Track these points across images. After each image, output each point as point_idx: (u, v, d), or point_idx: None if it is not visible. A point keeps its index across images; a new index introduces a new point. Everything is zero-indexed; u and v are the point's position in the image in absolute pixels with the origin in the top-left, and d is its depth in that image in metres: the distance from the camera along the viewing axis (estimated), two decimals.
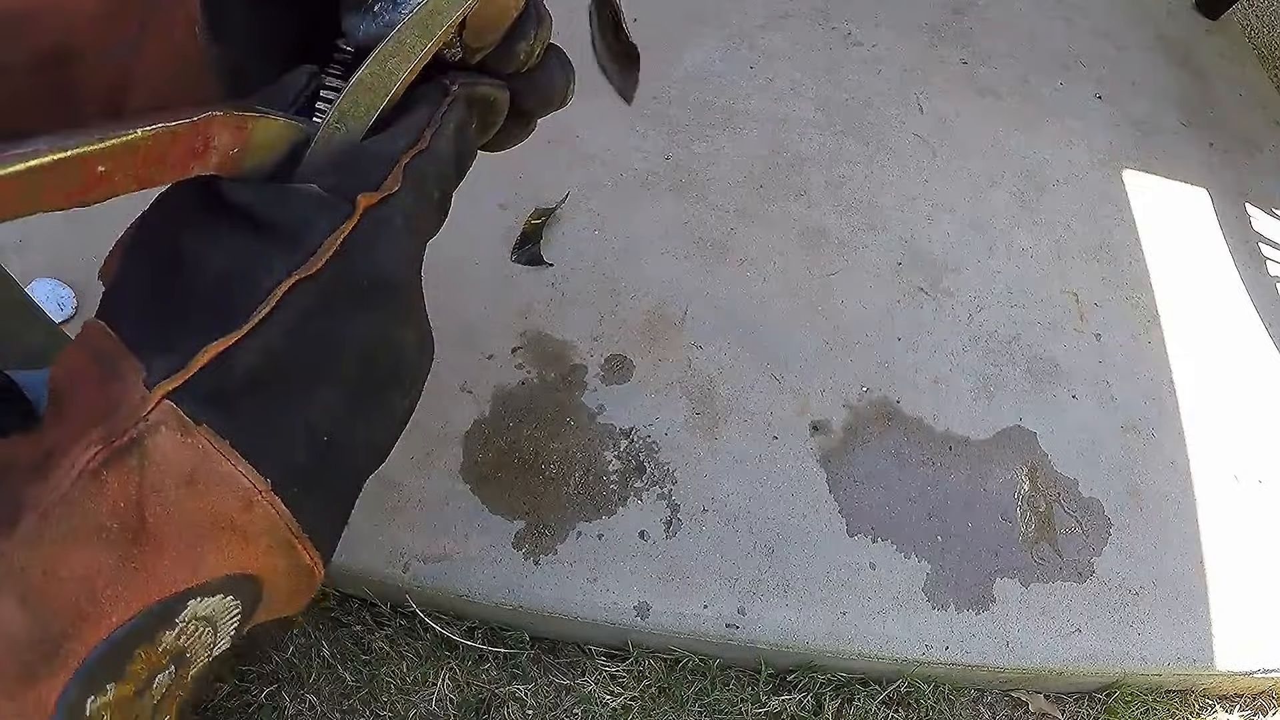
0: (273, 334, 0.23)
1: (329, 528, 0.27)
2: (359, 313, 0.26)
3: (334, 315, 0.25)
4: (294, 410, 0.24)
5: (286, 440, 0.24)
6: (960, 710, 1.12)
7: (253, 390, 0.23)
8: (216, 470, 0.22)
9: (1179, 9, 2.07)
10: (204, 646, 0.24)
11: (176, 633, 0.22)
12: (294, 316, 0.24)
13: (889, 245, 1.45)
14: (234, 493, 0.22)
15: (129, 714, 0.22)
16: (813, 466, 1.19)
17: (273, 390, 0.24)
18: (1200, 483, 1.25)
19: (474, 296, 1.29)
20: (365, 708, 1.04)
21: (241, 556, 0.23)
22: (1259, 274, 1.54)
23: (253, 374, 0.23)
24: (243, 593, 0.24)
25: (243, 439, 0.23)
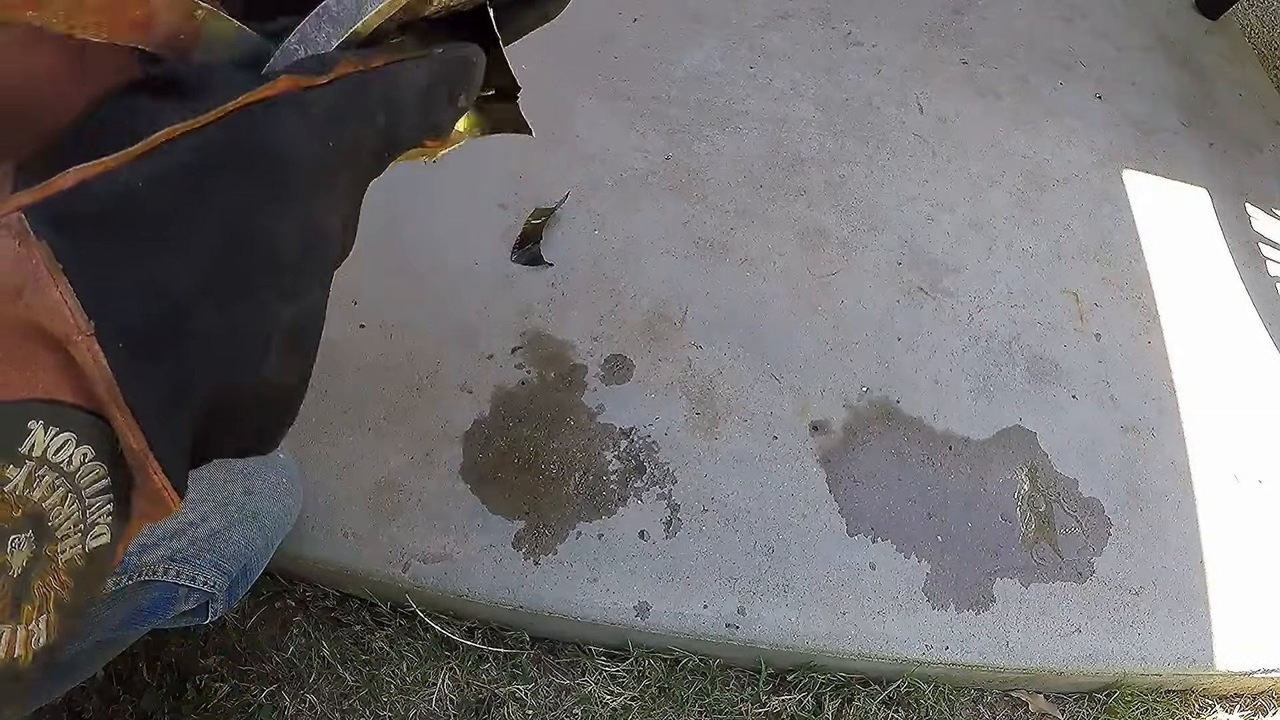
0: (140, 174, 0.22)
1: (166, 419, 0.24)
2: (239, 181, 0.25)
3: (213, 177, 0.24)
4: (140, 262, 0.23)
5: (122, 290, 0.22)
6: (960, 710, 1.12)
7: (104, 227, 0.22)
8: (45, 294, 0.20)
9: (1179, 9, 2.07)
10: (70, 520, 0.22)
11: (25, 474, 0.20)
12: (167, 164, 0.23)
13: (889, 245, 1.45)
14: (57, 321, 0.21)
15: None
16: (813, 466, 1.19)
17: (124, 234, 0.22)
18: (1200, 483, 1.25)
19: (474, 296, 1.29)
20: (365, 708, 1.04)
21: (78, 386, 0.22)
22: (1259, 274, 1.54)
23: (109, 210, 0.22)
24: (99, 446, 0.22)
25: (78, 271, 0.21)
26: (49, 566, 0.21)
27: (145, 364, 0.23)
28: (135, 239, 0.23)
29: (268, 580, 1.10)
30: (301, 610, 1.10)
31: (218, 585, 0.74)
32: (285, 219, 0.26)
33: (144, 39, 0.25)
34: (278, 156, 0.25)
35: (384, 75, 0.28)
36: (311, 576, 1.10)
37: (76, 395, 0.22)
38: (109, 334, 0.22)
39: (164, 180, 0.23)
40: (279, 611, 1.10)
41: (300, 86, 0.26)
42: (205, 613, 0.76)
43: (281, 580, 1.10)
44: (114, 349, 0.22)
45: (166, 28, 0.25)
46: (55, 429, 0.21)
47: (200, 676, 1.04)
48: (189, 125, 0.23)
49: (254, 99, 0.24)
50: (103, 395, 0.22)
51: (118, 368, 0.22)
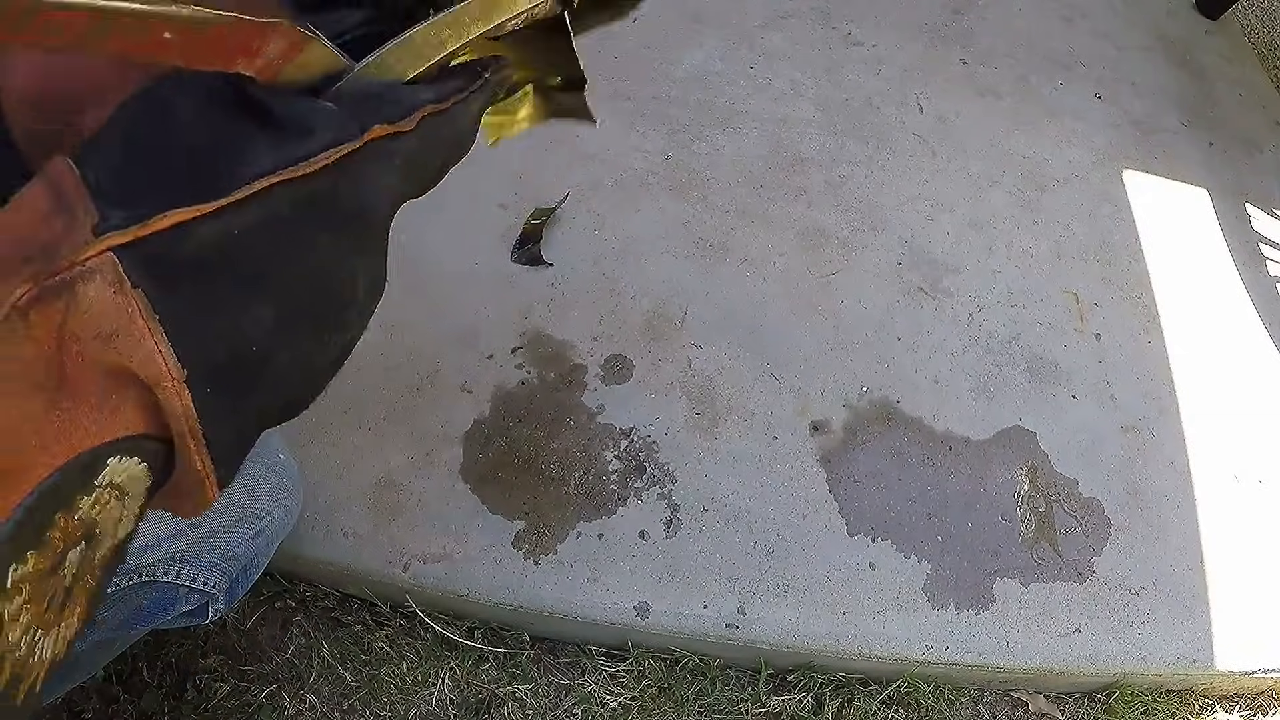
0: (236, 221, 0.22)
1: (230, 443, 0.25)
2: (329, 233, 0.25)
3: (303, 226, 0.24)
4: (230, 308, 0.23)
5: (212, 337, 0.23)
6: (960, 710, 1.12)
7: (197, 272, 0.22)
8: (140, 343, 0.21)
9: (1179, 9, 2.07)
10: (111, 524, 0.23)
11: (93, 499, 0.21)
12: (263, 212, 0.23)
13: (889, 245, 1.45)
14: (149, 368, 0.21)
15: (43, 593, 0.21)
16: (813, 466, 1.19)
17: (216, 280, 0.22)
18: (1200, 483, 1.25)
19: (474, 296, 1.29)
20: (365, 708, 1.04)
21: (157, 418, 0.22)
22: (1259, 274, 1.54)
23: (203, 255, 0.22)
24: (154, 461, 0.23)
25: (171, 319, 0.21)
26: (90, 568, 0.22)
27: (225, 401, 0.24)
28: (227, 286, 0.23)
29: (268, 580, 1.10)
30: (301, 610, 1.10)
31: (218, 585, 0.74)
32: (360, 265, 0.27)
33: (248, 66, 0.25)
34: (366, 212, 0.26)
35: (451, 117, 0.29)
36: (311, 576, 1.10)
37: (154, 428, 0.22)
38: (198, 379, 0.22)
39: (259, 229, 0.23)
40: (279, 611, 1.10)
41: (387, 134, 0.26)
42: (205, 613, 0.76)
43: (281, 580, 1.10)
44: (199, 392, 0.22)
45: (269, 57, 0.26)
46: (127, 458, 0.22)
47: (200, 676, 1.04)
48: (289, 175, 0.23)
49: (349, 150, 0.25)
50: (182, 430, 0.23)
51: (202, 408, 0.23)
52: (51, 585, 0.21)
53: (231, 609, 1.01)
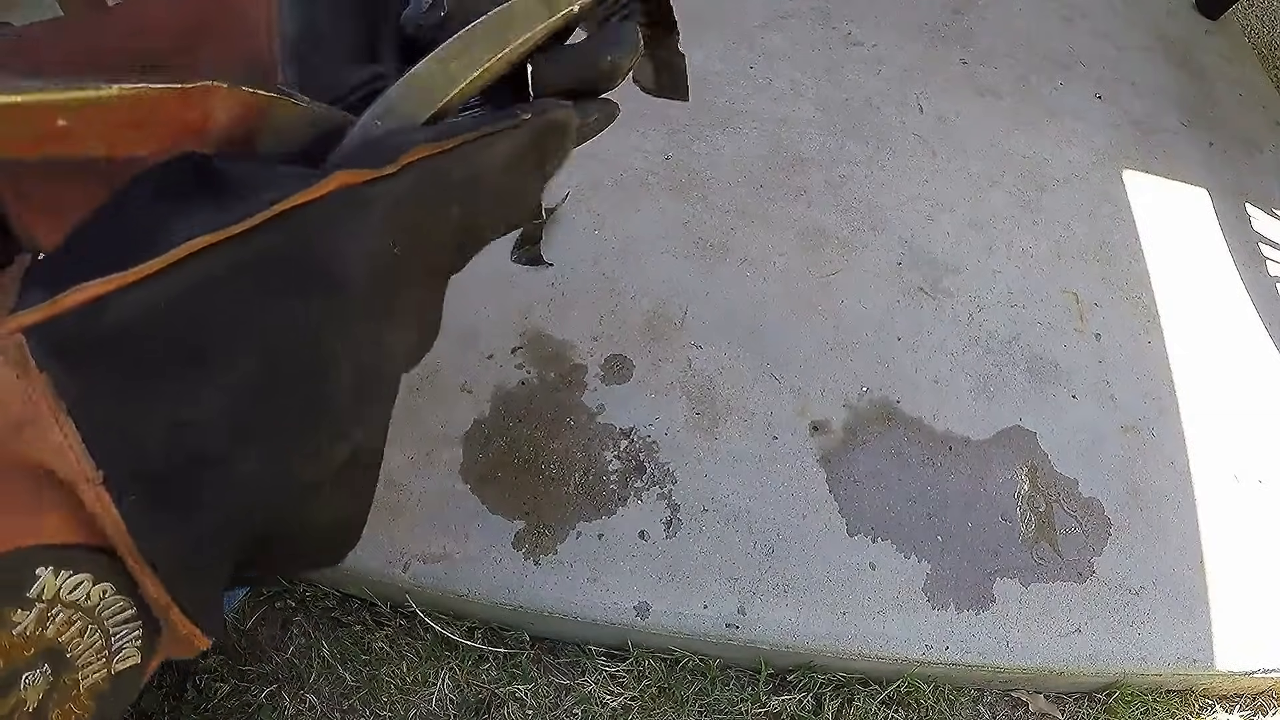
0: (163, 291, 0.19)
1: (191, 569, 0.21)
2: (287, 301, 0.21)
3: (252, 294, 0.20)
4: (164, 396, 0.19)
5: (141, 430, 0.19)
6: (960, 710, 1.12)
7: (120, 354, 0.19)
8: (47, 435, 0.18)
9: (1179, 9, 2.07)
10: (92, 650, 0.20)
11: (36, 616, 0.18)
12: (196, 278, 0.19)
13: (889, 245, 1.45)
14: (62, 466, 0.18)
15: None
16: (813, 466, 1.19)
17: (145, 363, 0.19)
18: (1200, 483, 1.24)
19: (474, 296, 1.29)
20: (365, 708, 1.04)
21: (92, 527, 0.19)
22: (1259, 274, 1.54)
23: (126, 334, 0.19)
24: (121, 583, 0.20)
25: (87, 409, 0.18)
26: (69, 694, 0.20)
27: (166, 514, 0.20)
28: (156, 369, 0.19)
29: None
30: (301, 610, 1.10)
31: None
32: (338, 345, 0.22)
33: (202, 142, 0.22)
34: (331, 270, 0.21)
35: (460, 157, 0.24)
36: (311, 576, 1.10)
37: (88, 536, 0.19)
38: (121, 483, 0.19)
39: (194, 298, 0.19)
40: (279, 611, 1.10)
41: (358, 181, 0.22)
42: None
43: (281, 580, 1.10)
44: (128, 501, 0.19)
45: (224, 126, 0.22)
46: (68, 572, 0.19)
47: (200, 676, 1.04)
48: (225, 233, 0.19)
49: (301, 200, 0.20)
50: (118, 546, 0.19)
51: (132, 520, 0.19)
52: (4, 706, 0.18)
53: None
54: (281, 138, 0.24)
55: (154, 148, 0.21)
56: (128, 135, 0.21)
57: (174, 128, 0.21)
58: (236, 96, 0.22)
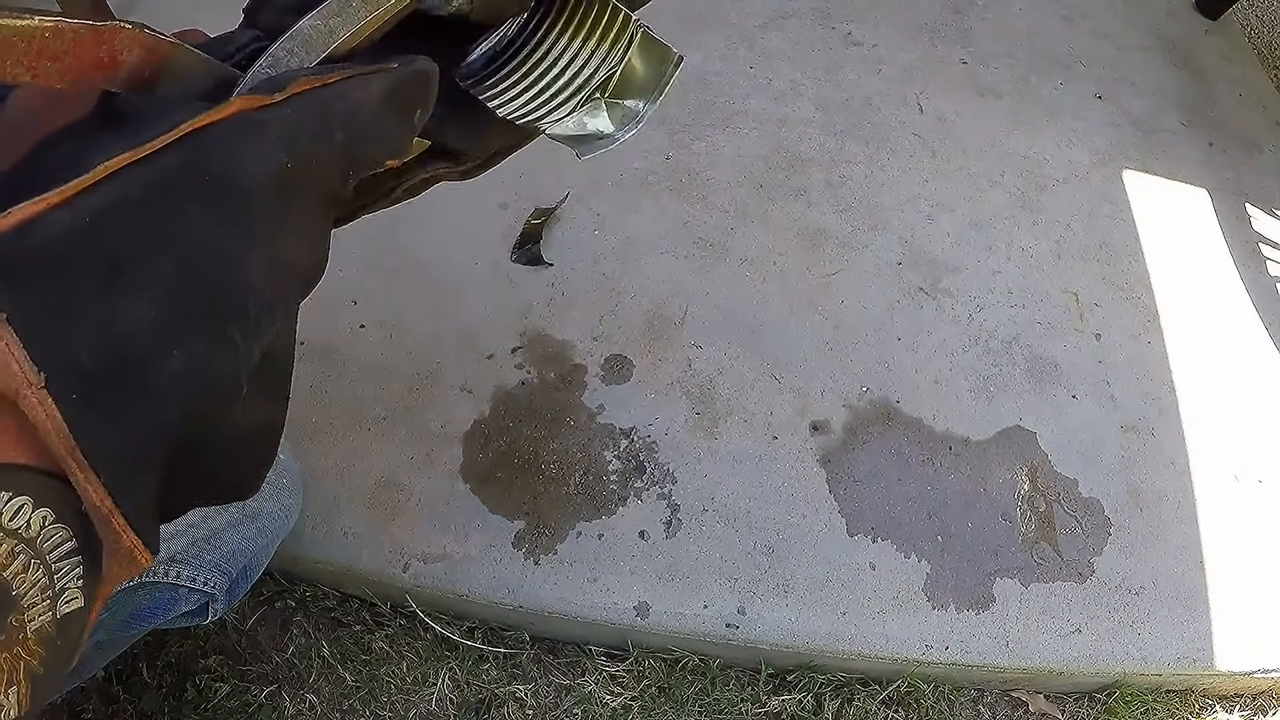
0: (86, 209, 0.21)
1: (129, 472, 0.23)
2: (197, 212, 0.23)
3: (166, 208, 0.22)
4: (93, 304, 0.21)
5: (75, 336, 0.21)
6: (960, 710, 1.12)
7: (50, 269, 0.20)
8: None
9: (1179, 9, 2.07)
10: (37, 588, 0.20)
11: None
12: (115, 196, 0.21)
13: (889, 245, 1.45)
14: (4, 376, 0.19)
15: None
16: (813, 466, 1.19)
17: (73, 275, 0.21)
18: (1200, 483, 1.25)
19: (474, 296, 1.29)
20: (365, 708, 1.04)
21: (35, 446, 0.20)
22: (1259, 274, 1.54)
23: (54, 250, 0.20)
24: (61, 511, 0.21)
25: (24, 319, 0.19)
26: (16, 637, 0.20)
27: (104, 414, 0.21)
28: (86, 280, 0.21)
29: (268, 580, 1.10)
30: (301, 610, 1.10)
31: (218, 585, 0.74)
32: (248, 249, 0.25)
33: (110, 80, 0.24)
34: (234, 182, 0.24)
35: (339, 92, 0.27)
36: (311, 576, 1.10)
37: (30, 455, 0.20)
38: (63, 385, 0.20)
39: (113, 215, 0.21)
40: (279, 611, 1.10)
41: (253, 107, 0.25)
42: (205, 613, 0.76)
43: (281, 580, 1.11)
44: (69, 401, 0.20)
45: (130, 66, 0.25)
46: (8, 494, 0.19)
47: (200, 676, 1.04)
48: (136, 154, 0.22)
49: (204, 123, 0.23)
50: (60, 452, 0.20)
51: (74, 421, 0.20)
52: None
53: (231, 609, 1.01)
54: (180, 84, 0.26)
55: (68, 80, 0.24)
56: (46, 65, 0.23)
57: (86, 61, 0.24)
58: (140, 39, 0.25)
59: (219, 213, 0.24)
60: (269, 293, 0.26)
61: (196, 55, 0.27)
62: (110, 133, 0.23)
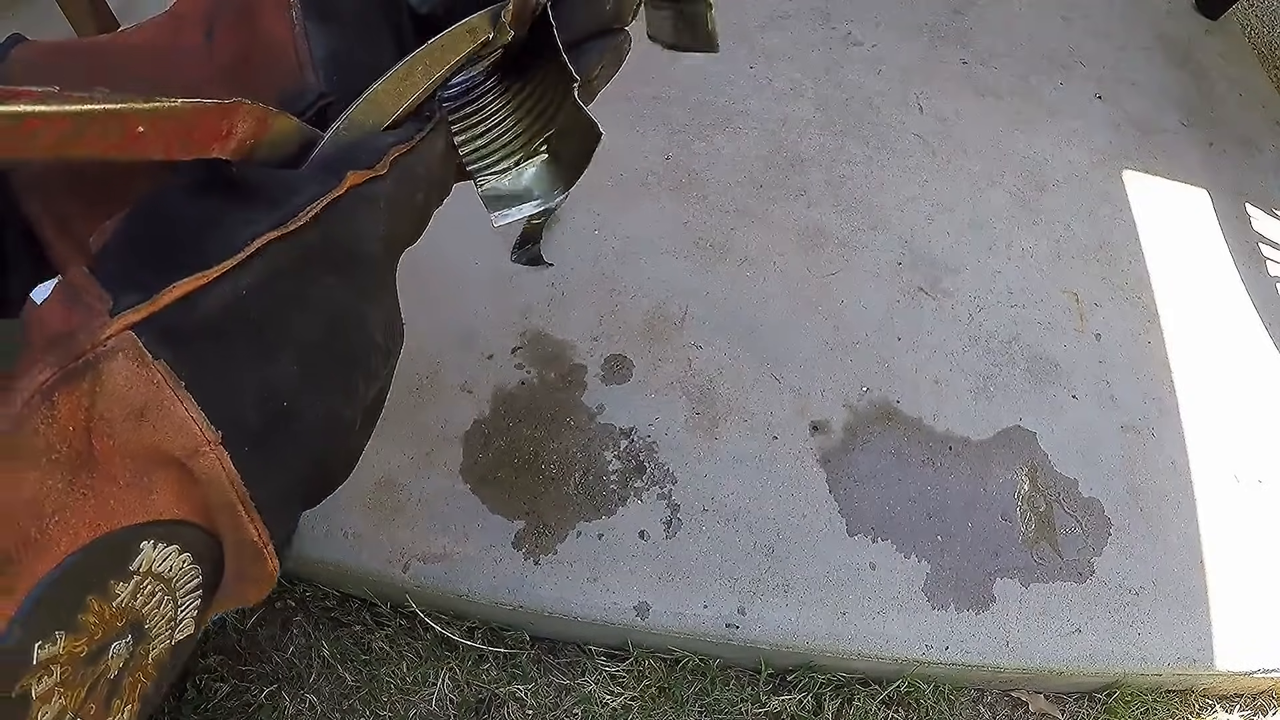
0: (242, 283, 0.23)
1: (277, 508, 0.25)
2: (331, 279, 0.26)
3: (306, 277, 0.25)
4: (252, 366, 0.24)
5: (240, 395, 0.23)
6: (960, 710, 1.12)
7: (214, 337, 0.23)
8: (169, 411, 0.21)
9: (1179, 9, 2.07)
10: (164, 619, 0.22)
11: (132, 587, 0.21)
12: (265, 270, 0.24)
13: (889, 245, 1.45)
14: (183, 437, 0.21)
15: (81, 679, 0.20)
16: (813, 466, 1.19)
17: (234, 341, 0.23)
18: (1200, 483, 1.25)
19: (474, 296, 1.29)
20: (365, 708, 1.04)
21: (191, 500, 0.22)
22: (1259, 274, 1.54)
23: (216, 320, 0.23)
24: (198, 551, 0.23)
25: (198, 384, 0.22)
26: (141, 664, 0.22)
27: (265, 460, 0.24)
28: (244, 344, 0.24)
29: None
30: (301, 610, 1.10)
31: None
32: (368, 308, 0.28)
33: (223, 148, 0.27)
34: (356, 252, 0.27)
35: (420, 155, 0.31)
36: (311, 576, 1.10)
37: (191, 512, 0.22)
38: (234, 439, 0.23)
39: (264, 286, 0.24)
40: (279, 611, 1.10)
41: (363, 181, 0.27)
42: None
43: (281, 580, 1.10)
44: (239, 453, 0.23)
45: (240, 137, 0.27)
46: (165, 544, 0.22)
47: (200, 676, 1.04)
48: (283, 231, 0.24)
49: (330, 200, 0.26)
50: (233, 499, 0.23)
51: (243, 469, 0.23)
52: (92, 674, 0.20)
53: None
54: (275, 149, 0.29)
55: (193, 153, 0.26)
56: (179, 142, 0.25)
57: (210, 135, 0.26)
58: (255, 112, 0.27)
59: (350, 278, 0.27)
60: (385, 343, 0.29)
61: (290, 120, 0.29)
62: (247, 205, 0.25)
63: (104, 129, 0.22)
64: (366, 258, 0.27)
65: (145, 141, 0.23)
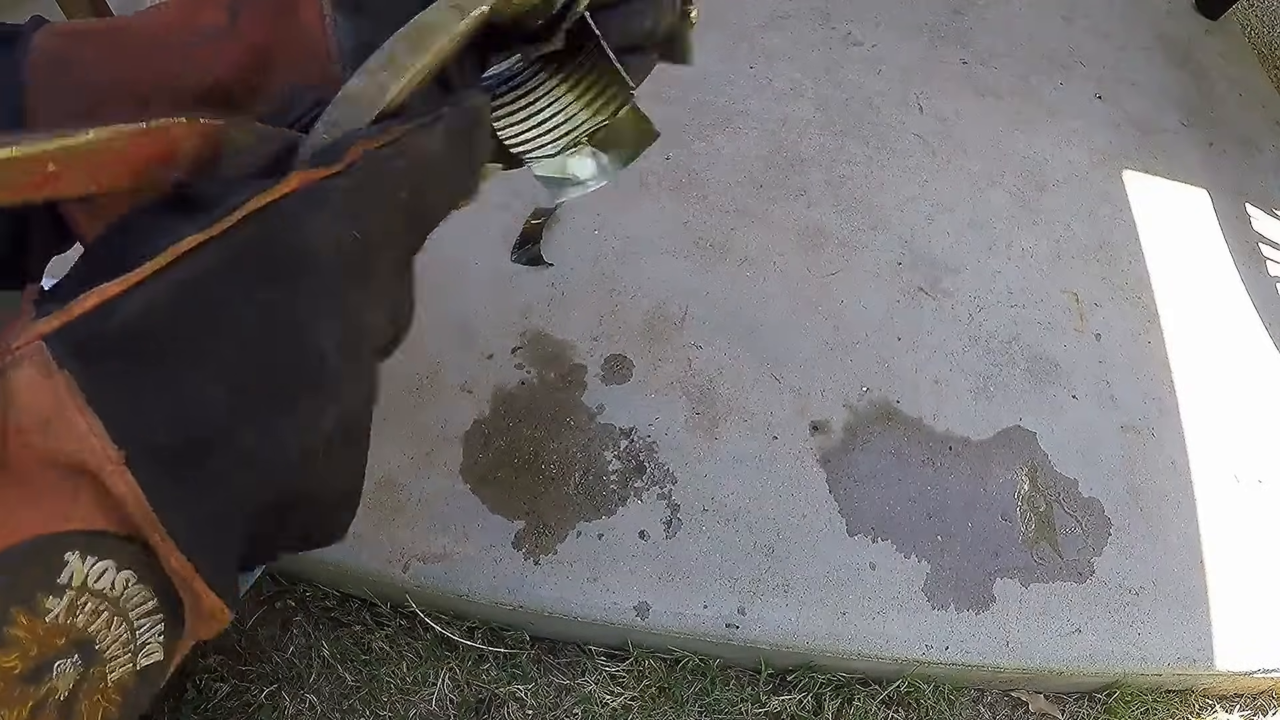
0: (160, 288, 0.22)
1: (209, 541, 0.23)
2: (265, 287, 0.24)
3: (237, 284, 0.23)
4: (170, 382, 0.22)
5: (149, 415, 0.22)
6: (960, 710, 1.12)
7: (126, 350, 0.21)
8: (71, 424, 0.20)
9: (1179, 9, 2.07)
10: (117, 642, 0.22)
11: (66, 603, 0.20)
12: (189, 275, 0.22)
13: (889, 245, 1.45)
14: (87, 453, 0.21)
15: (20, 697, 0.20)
16: (813, 466, 1.19)
17: (148, 355, 0.22)
18: (1200, 483, 1.25)
19: (474, 296, 1.29)
20: (365, 708, 1.04)
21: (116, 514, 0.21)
22: (1259, 274, 1.54)
23: (130, 330, 0.21)
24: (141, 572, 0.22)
25: (102, 399, 0.21)
26: (98, 686, 0.22)
27: (181, 488, 0.23)
28: (162, 357, 0.22)
29: (268, 580, 1.10)
30: (301, 610, 1.10)
31: None
32: (320, 320, 0.25)
33: (174, 169, 0.25)
34: (300, 256, 0.24)
35: (398, 150, 0.28)
36: (311, 576, 1.10)
37: (113, 523, 0.21)
38: (141, 460, 0.21)
39: (186, 293, 0.22)
40: (279, 611, 1.10)
41: (314, 179, 0.25)
42: None
43: (281, 580, 1.11)
44: (147, 475, 0.21)
45: (189, 155, 0.25)
46: (94, 558, 0.21)
47: (200, 676, 1.04)
48: (204, 235, 0.22)
49: (266, 200, 0.24)
50: (140, 521, 0.22)
51: (152, 493, 0.22)
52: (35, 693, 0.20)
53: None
54: (241, 159, 0.27)
55: (134, 180, 0.24)
56: (108, 172, 0.24)
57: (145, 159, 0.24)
58: (194, 128, 0.25)
59: (287, 287, 0.24)
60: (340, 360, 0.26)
61: (251, 129, 0.27)
62: (180, 215, 0.24)
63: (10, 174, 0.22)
64: (317, 264, 0.25)
65: (65, 179, 0.23)
